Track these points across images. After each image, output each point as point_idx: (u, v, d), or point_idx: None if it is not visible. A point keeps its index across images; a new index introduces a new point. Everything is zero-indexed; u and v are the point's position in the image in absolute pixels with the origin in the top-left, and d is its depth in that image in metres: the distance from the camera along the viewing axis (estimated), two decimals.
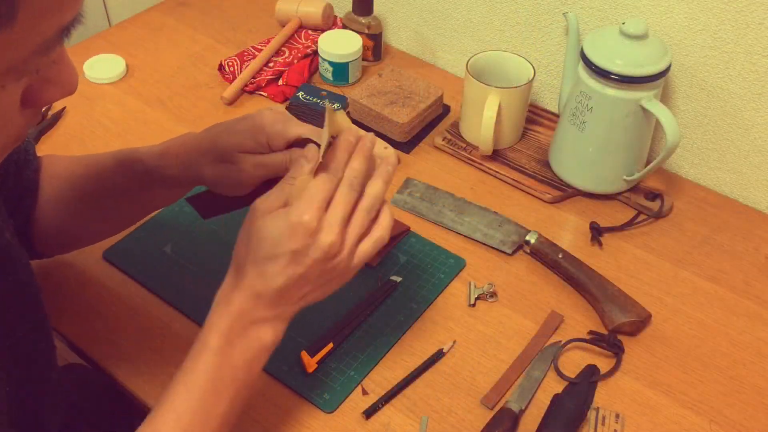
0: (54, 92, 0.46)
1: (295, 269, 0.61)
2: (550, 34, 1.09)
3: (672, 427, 0.77)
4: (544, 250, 0.91)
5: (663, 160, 0.93)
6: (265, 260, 0.61)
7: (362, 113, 1.09)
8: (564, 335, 0.85)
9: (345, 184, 0.63)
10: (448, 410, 0.78)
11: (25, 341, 0.67)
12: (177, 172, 0.72)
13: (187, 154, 0.72)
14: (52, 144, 1.07)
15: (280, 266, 0.61)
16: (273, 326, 0.64)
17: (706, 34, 0.94)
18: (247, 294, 0.62)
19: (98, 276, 0.89)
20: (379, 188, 0.65)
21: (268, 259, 0.61)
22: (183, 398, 0.61)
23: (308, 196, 0.61)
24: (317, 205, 0.61)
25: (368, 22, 1.19)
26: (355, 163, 0.64)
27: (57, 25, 0.41)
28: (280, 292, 0.62)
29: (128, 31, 1.28)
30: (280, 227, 0.60)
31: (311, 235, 0.60)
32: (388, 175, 0.66)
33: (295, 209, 0.60)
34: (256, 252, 0.62)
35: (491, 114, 0.98)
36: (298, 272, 0.61)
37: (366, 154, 0.65)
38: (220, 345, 0.62)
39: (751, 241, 0.96)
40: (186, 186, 0.75)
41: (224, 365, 0.62)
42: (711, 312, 0.88)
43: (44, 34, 0.41)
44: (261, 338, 0.64)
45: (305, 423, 0.76)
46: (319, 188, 0.61)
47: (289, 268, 0.61)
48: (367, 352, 0.82)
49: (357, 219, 0.63)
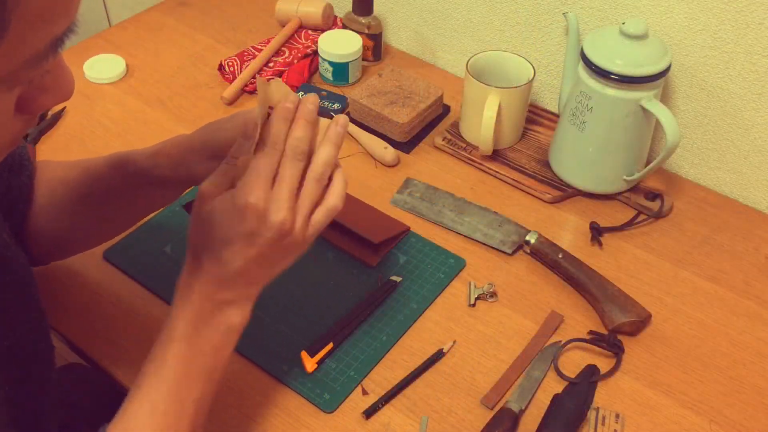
0: (49, 99, 0.46)
1: (250, 250, 0.60)
2: (550, 34, 1.09)
3: (672, 427, 0.77)
4: (544, 250, 0.91)
5: (663, 160, 0.93)
6: (220, 245, 0.61)
7: (362, 113, 1.09)
8: (564, 335, 0.85)
9: (288, 156, 0.61)
10: (448, 410, 0.78)
11: (24, 341, 0.67)
12: (169, 172, 0.72)
13: (179, 154, 0.71)
14: (52, 144, 1.07)
15: (235, 249, 0.60)
16: (239, 307, 0.64)
17: (706, 34, 0.94)
18: (207, 279, 0.62)
19: (98, 276, 0.89)
20: (328, 153, 0.63)
21: (222, 243, 0.60)
22: (156, 388, 0.61)
23: (251, 176, 0.59)
24: (262, 184, 0.59)
25: (368, 22, 1.19)
26: (297, 131, 0.62)
27: (49, 37, 0.40)
28: (239, 274, 0.62)
29: (128, 31, 1.28)
30: (229, 211, 0.59)
31: (260, 215, 0.59)
32: (338, 137, 0.64)
33: (240, 191, 0.59)
34: (209, 237, 0.61)
35: (491, 114, 0.98)
36: (254, 252, 0.61)
37: (308, 119, 0.62)
38: (187, 333, 0.62)
39: (751, 241, 0.96)
40: (179, 186, 0.75)
41: (194, 352, 0.62)
42: (711, 312, 0.88)
43: (35, 47, 0.40)
44: (227, 321, 0.63)
45: (305, 423, 0.76)
46: (261, 165, 0.60)
47: (244, 250, 0.60)
48: (367, 352, 0.82)
49: (307, 189, 0.62)
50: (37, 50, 0.40)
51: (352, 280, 0.89)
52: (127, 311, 0.86)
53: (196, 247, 0.63)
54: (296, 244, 0.63)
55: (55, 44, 0.41)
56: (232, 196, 0.60)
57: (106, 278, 0.89)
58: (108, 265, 0.90)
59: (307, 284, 0.88)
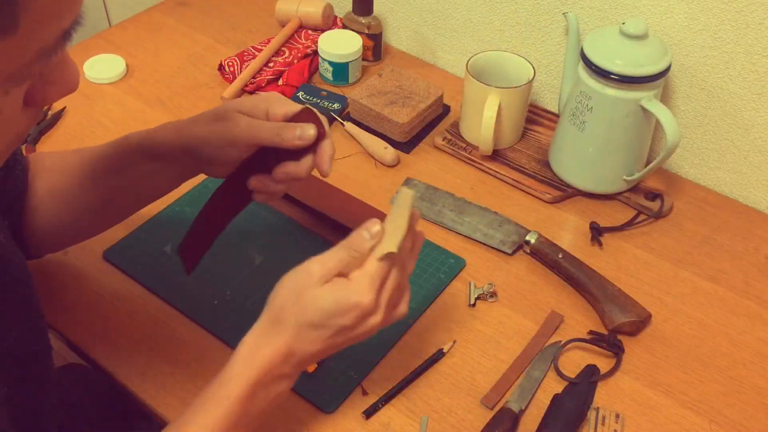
0: (56, 91, 0.47)
1: (336, 339, 0.64)
2: (550, 34, 1.09)
3: (672, 427, 0.77)
4: (544, 250, 0.91)
5: (663, 160, 0.93)
6: (312, 326, 0.63)
7: (362, 113, 1.09)
8: (564, 335, 0.85)
9: (399, 268, 0.65)
10: (448, 410, 0.78)
11: (22, 342, 0.67)
12: (170, 138, 0.72)
13: (182, 121, 0.73)
14: (52, 144, 1.07)
15: (324, 335, 0.63)
16: (291, 381, 0.67)
17: (706, 34, 0.94)
18: (281, 351, 0.64)
19: (98, 276, 0.89)
20: (414, 266, 0.69)
21: (315, 326, 0.63)
22: None
23: (372, 278, 0.63)
24: (377, 288, 0.63)
25: (368, 22, 1.19)
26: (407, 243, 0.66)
27: (57, 30, 0.41)
28: (313, 356, 0.65)
29: (128, 31, 1.28)
30: (339, 302, 0.62)
31: (366, 315, 0.63)
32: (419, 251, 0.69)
33: (357, 289, 0.62)
34: (304, 315, 0.63)
35: (491, 114, 0.98)
36: (338, 342, 0.64)
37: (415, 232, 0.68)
38: (243, 395, 0.63)
39: (751, 241, 0.96)
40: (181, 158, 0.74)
41: (243, 414, 0.64)
42: (711, 312, 0.88)
43: (45, 40, 0.41)
44: (280, 391, 0.66)
45: (305, 423, 0.76)
46: (383, 272, 0.64)
47: (331, 338, 0.64)
48: (367, 352, 0.82)
49: (395, 296, 0.66)
50: (46, 44, 0.41)
51: None
52: (127, 311, 0.86)
53: (282, 316, 0.64)
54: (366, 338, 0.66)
55: (63, 37, 0.42)
56: (346, 290, 0.62)
57: (106, 278, 0.89)
58: (108, 265, 0.90)
59: None
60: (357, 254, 0.63)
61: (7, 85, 0.42)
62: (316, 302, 0.62)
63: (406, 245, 0.65)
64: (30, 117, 0.47)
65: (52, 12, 0.40)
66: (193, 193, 0.98)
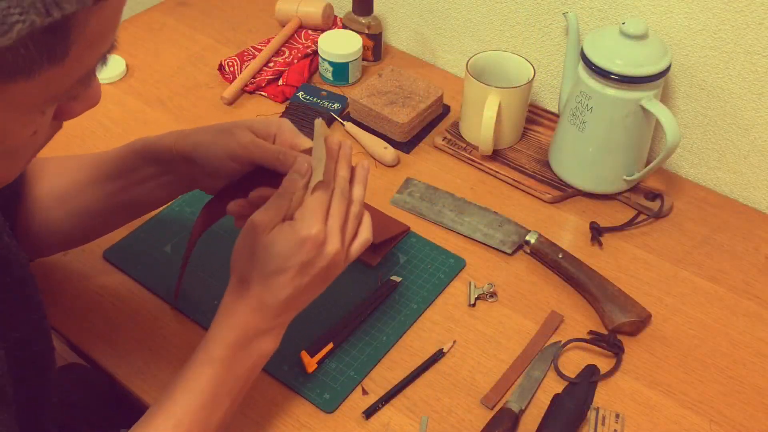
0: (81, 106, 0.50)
1: (302, 279, 0.65)
2: (550, 34, 1.09)
3: (672, 427, 0.77)
4: (544, 250, 0.91)
5: (663, 160, 0.93)
6: (273, 273, 0.64)
7: (362, 113, 1.09)
8: (564, 335, 0.85)
9: (338, 194, 0.66)
10: (448, 410, 0.78)
11: (24, 343, 0.67)
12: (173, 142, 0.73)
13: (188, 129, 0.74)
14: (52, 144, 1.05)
15: (288, 278, 0.64)
16: (274, 335, 0.67)
17: (706, 34, 0.94)
18: (253, 306, 0.65)
19: (98, 276, 0.89)
20: (362, 193, 0.69)
21: (276, 272, 0.64)
22: (183, 405, 0.63)
23: (312, 210, 0.64)
24: (321, 217, 0.64)
25: (368, 22, 1.19)
26: (342, 171, 0.68)
27: (99, 55, 0.44)
28: (285, 303, 0.65)
29: (128, 31, 1.28)
30: (290, 241, 0.63)
31: (319, 246, 0.64)
32: (365, 179, 0.70)
33: (303, 223, 0.63)
34: (263, 266, 0.64)
35: (491, 114, 0.98)
36: (305, 281, 0.65)
37: (348, 160, 0.69)
38: (225, 356, 0.64)
39: (751, 241, 0.96)
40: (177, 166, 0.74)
41: (227, 375, 0.65)
42: (711, 312, 0.88)
43: (89, 65, 0.44)
44: (263, 348, 0.67)
45: (305, 423, 0.76)
46: (320, 201, 0.65)
47: (296, 279, 0.64)
48: (367, 352, 0.82)
49: (350, 225, 0.67)
50: (89, 68, 0.44)
51: (352, 280, 0.89)
52: (127, 311, 0.86)
53: (244, 274, 0.65)
54: (335, 274, 0.68)
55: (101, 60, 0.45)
56: (292, 228, 0.63)
57: (106, 278, 0.89)
58: (108, 264, 0.90)
59: None
60: (293, 195, 0.65)
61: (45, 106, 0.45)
62: (269, 249, 0.63)
63: (341, 173, 0.67)
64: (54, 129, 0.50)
65: (97, 41, 0.43)
66: (193, 193, 0.98)
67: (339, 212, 0.66)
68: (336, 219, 0.65)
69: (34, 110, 0.44)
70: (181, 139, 0.73)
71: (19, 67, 0.39)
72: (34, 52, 0.39)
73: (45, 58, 0.40)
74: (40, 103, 0.44)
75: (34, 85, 0.41)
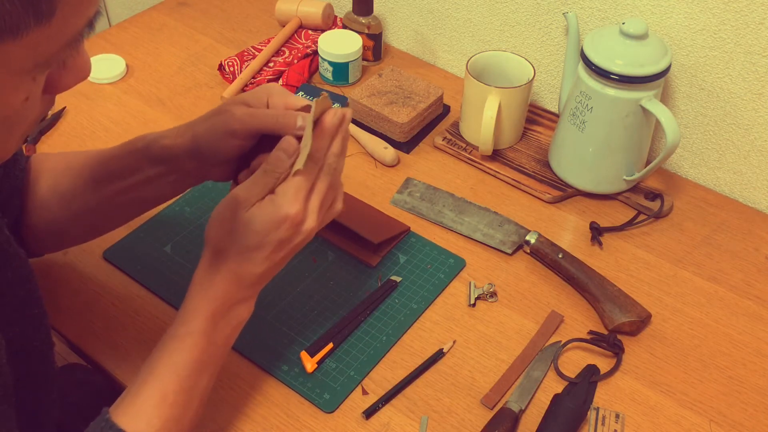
0: (71, 79, 0.50)
1: (278, 254, 0.66)
2: (550, 34, 1.09)
3: (672, 427, 0.77)
4: (544, 250, 0.91)
5: (663, 160, 0.93)
6: (252, 248, 0.65)
7: (362, 113, 1.09)
8: (564, 335, 0.85)
9: (325, 171, 0.66)
10: (448, 410, 0.78)
11: (23, 338, 0.67)
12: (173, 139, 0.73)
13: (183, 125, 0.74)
14: (52, 144, 1.07)
15: (265, 253, 0.65)
16: (248, 303, 0.69)
17: (706, 34, 0.94)
18: (230, 278, 0.66)
19: (98, 276, 0.89)
20: (343, 164, 0.69)
21: (255, 247, 0.65)
22: (168, 379, 0.64)
23: (293, 189, 0.64)
24: (303, 196, 0.64)
25: (368, 22, 1.19)
26: (336, 148, 0.67)
27: (85, 19, 0.45)
28: (261, 275, 0.66)
29: (128, 31, 1.28)
30: (269, 219, 0.64)
31: (297, 225, 0.65)
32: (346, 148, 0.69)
33: (282, 201, 0.64)
34: (241, 240, 0.64)
35: (491, 114, 0.98)
36: (280, 256, 0.66)
37: (344, 137, 0.68)
38: (205, 328, 0.65)
39: (751, 241, 0.96)
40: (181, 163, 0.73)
41: (208, 345, 0.66)
42: (711, 312, 0.88)
43: (75, 27, 0.44)
44: (239, 316, 0.68)
45: (305, 423, 0.76)
46: (304, 180, 0.65)
47: (273, 254, 0.65)
48: (367, 352, 0.82)
49: (327, 198, 0.67)
50: (75, 32, 0.45)
51: (352, 280, 0.89)
52: (127, 311, 0.86)
53: (220, 246, 0.66)
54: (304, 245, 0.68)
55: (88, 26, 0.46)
56: (273, 206, 0.64)
57: (106, 278, 0.89)
58: (108, 265, 0.90)
59: (307, 284, 0.88)
60: (278, 175, 0.65)
61: (36, 71, 0.45)
62: (249, 225, 0.64)
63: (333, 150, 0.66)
64: (45, 104, 0.50)
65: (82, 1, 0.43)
66: (193, 193, 0.98)
67: (322, 189, 0.66)
68: (317, 196, 0.66)
69: (24, 74, 0.45)
70: (179, 137, 0.72)
71: (7, 24, 0.40)
72: (19, 8, 0.40)
73: (31, 14, 0.41)
74: (29, 66, 0.44)
75: (22, 45, 0.42)
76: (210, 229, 0.66)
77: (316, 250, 0.92)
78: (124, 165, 0.76)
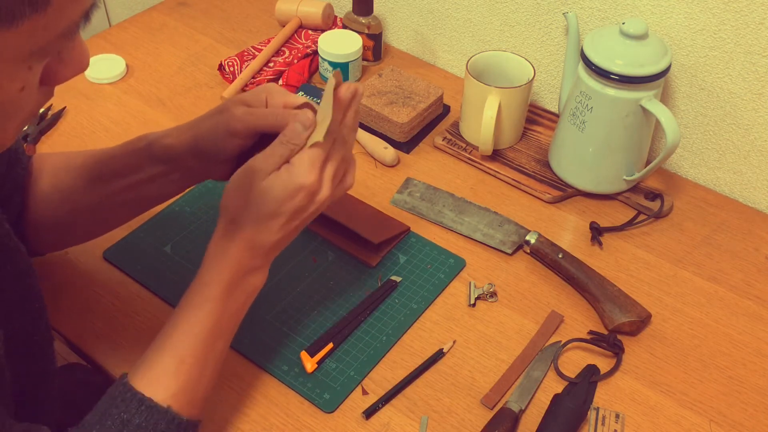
0: (68, 71, 0.50)
1: (293, 223, 0.67)
2: (550, 34, 1.09)
3: (672, 427, 0.77)
4: (544, 250, 0.91)
5: (663, 160, 0.93)
6: (268, 216, 0.66)
7: (362, 113, 1.09)
8: (564, 335, 0.85)
9: (339, 142, 0.68)
10: (448, 410, 0.78)
11: (23, 332, 0.67)
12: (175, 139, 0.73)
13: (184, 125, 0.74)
14: (52, 144, 1.07)
15: (281, 222, 0.66)
16: (263, 271, 0.70)
17: (706, 34, 0.94)
18: (245, 246, 0.67)
19: (98, 276, 0.89)
20: (354, 139, 0.71)
21: (271, 216, 0.66)
22: (185, 345, 0.66)
23: (310, 160, 0.65)
24: (319, 166, 0.66)
25: (368, 22, 1.19)
26: (350, 120, 0.69)
27: (81, 9, 0.45)
28: (276, 243, 0.68)
29: (128, 31, 1.28)
30: (286, 188, 0.65)
31: (312, 194, 0.66)
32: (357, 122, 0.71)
33: (300, 172, 0.65)
34: (258, 209, 0.66)
35: (491, 114, 0.98)
36: (294, 225, 0.68)
37: (357, 109, 0.70)
38: (221, 295, 0.67)
39: (751, 241, 0.96)
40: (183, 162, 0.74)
41: (224, 312, 0.68)
42: (711, 312, 0.88)
43: (71, 17, 0.44)
44: (254, 284, 0.70)
45: (305, 423, 0.76)
46: (320, 152, 0.66)
47: (288, 223, 0.67)
48: (367, 352, 0.82)
49: (339, 170, 0.69)
50: (71, 21, 0.45)
51: (352, 280, 0.89)
52: (127, 311, 0.86)
53: (236, 215, 0.67)
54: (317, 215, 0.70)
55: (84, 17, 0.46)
56: (289, 175, 0.65)
57: (106, 278, 0.89)
58: (108, 265, 0.90)
59: (307, 284, 0.88)
60: (294, 146, 0.66)
61: (32, 60, 0.45)
62: (266, 194, 0.65)
63: (347, 122, 0.68)
64: (43, 95, 0.50)
65: None
66: (193, 193, 0.98)
67: (336, 159, 0.67)
68: (332, 167, 0.67)
69: (20, 63, 0.45)
70: (180, 136, 0.73)
71: (2, 12, 0.40)
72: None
73: (27, 2, 0.41)
74: (25, 55, 0.45)
75: (17, 34, 0.42)
76: (226, 198, 0.67)
77: (316, 250, 0.92)
78: (126, 164, 0.76)
